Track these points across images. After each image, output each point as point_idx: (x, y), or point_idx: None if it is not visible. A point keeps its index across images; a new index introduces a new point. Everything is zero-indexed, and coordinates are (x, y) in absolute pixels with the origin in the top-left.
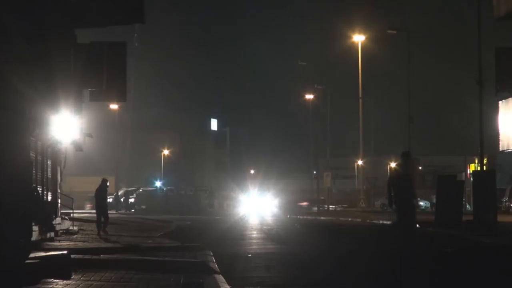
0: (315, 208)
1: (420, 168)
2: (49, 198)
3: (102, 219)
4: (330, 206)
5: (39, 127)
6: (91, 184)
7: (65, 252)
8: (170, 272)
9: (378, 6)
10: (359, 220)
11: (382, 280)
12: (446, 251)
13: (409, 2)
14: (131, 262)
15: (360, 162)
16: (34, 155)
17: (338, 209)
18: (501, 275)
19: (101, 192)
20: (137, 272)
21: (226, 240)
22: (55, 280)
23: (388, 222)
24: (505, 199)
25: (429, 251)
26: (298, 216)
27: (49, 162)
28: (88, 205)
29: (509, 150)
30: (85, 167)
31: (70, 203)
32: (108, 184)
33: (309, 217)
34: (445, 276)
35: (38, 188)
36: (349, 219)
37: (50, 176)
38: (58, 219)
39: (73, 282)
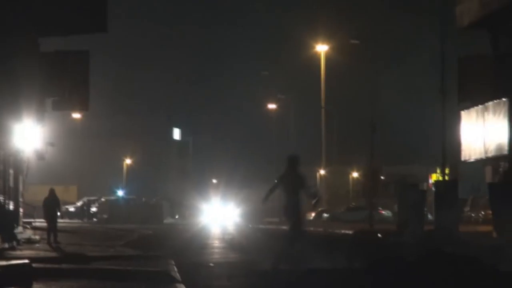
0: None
1: (382, 177)
2: (11, 207)
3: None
4: None
5: (1, 136)
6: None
7: (26, 261)
8: (132, 281)
9: (342, 16)
10: (320, 229)
11: None
12: (407, 261)
13: (373, 12)
14: (93, 271)
15: (322, 172)
16: None
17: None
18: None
19: (49, 202)
20: (99, 282)
21: (188, 250)
22: None
23: (349, 232)
24: (467, 209)
25: (389, 261)
26: (260, 226)
27: (11, 171)
28: None
29: (471, 160)
30: (48, 176)
31: (32, 212)
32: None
33: (271, 227)
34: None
35: (0, 197)
36: (311, 228)
37: (12, 185)
38: (20, 228)
39: None
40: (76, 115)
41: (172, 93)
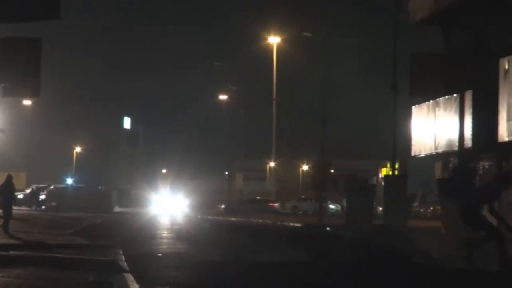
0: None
1: (332, 171)
2: None
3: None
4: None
5: None
6: (2, 180)
7: None
8: (80, 270)
9: (297, 10)
10: (269, 222)
11: (293, 281)
12: (355, 255)
13: (328, 7)
14: (41, 259)
15: (272, 164)
16: None
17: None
18: (406, 280)
19: (5, 188)
20: (46, 270)
21: (137, 239)
22: None
23: (298, 225)
24: (416, 204)
25: (338, 254)
26: (209, 217)
27: None
28: None
29: (421, 156)
30: None
31: None
32: (12, 180)
33: (219, 218)
34: (349, 280)
35: None
36: (260, 220)
37: None
38: None
39: None
40: (27, 103)
41: (122, 82)
